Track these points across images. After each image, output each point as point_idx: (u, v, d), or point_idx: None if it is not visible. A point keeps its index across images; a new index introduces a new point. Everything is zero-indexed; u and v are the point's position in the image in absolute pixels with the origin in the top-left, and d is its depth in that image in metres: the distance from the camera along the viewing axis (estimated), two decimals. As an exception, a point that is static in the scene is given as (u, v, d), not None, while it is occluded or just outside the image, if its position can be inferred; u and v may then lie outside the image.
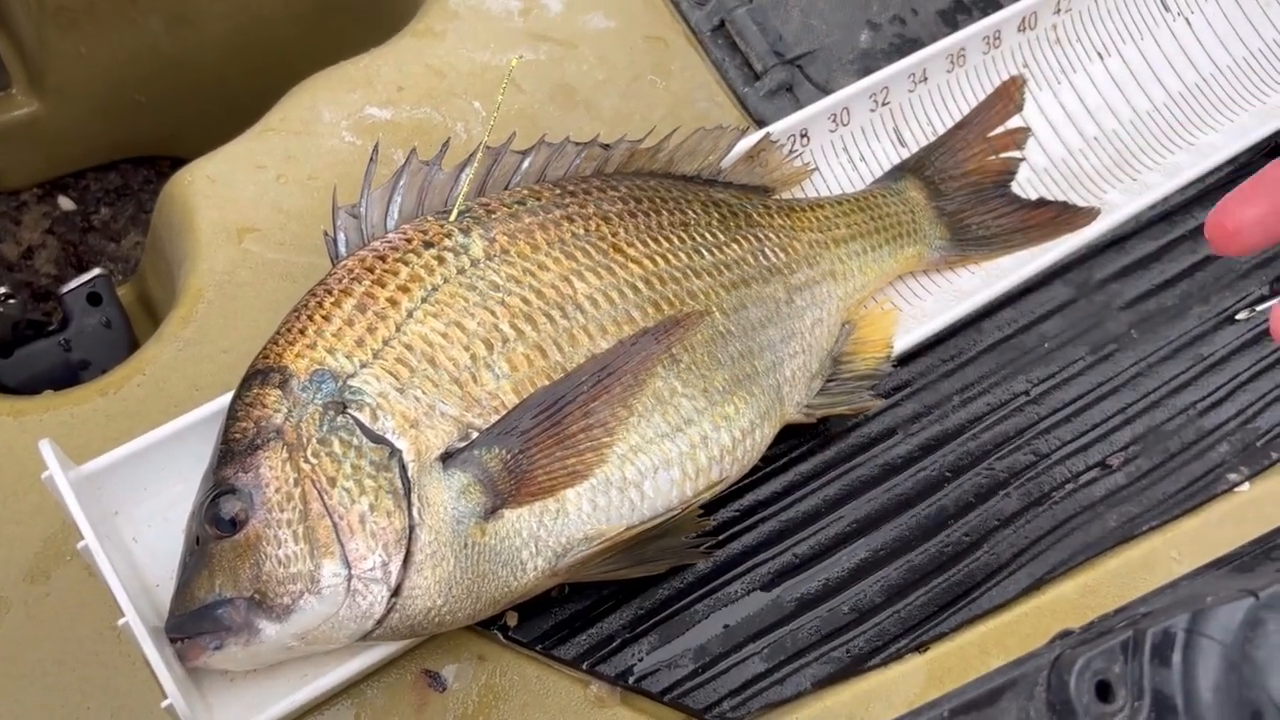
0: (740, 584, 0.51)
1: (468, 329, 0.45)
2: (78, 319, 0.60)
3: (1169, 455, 0.56)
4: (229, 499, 0.42)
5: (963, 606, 0.51)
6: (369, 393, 0.44)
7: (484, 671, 0.47)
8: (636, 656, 0.48)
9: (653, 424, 0.46)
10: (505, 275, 0.47)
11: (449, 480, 0.43)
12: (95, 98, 0.75)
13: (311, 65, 0.61)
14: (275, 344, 0.45)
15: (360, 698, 0.46)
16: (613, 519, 0.45)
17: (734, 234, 0.52)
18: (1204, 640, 0.30)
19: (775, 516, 0.52)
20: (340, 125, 0.58)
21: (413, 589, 0.42)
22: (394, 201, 0.48)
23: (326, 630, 0.42)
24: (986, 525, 0.53)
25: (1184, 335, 0.59)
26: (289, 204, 0.56)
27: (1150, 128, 0.64)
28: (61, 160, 0.80)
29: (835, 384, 0.53)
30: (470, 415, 0.44)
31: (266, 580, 0.42)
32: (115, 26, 0.72)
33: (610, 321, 0.47)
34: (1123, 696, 0.31)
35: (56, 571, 0.47)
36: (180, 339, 0.52)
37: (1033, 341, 0.58)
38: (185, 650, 0.42)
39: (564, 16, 0.63)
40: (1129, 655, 0.31)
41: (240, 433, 0.44)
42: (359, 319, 0.45)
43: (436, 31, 0.62)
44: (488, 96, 0.60)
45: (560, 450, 0.44)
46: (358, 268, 0.46)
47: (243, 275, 0.54)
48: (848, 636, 0.50)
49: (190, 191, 0.56)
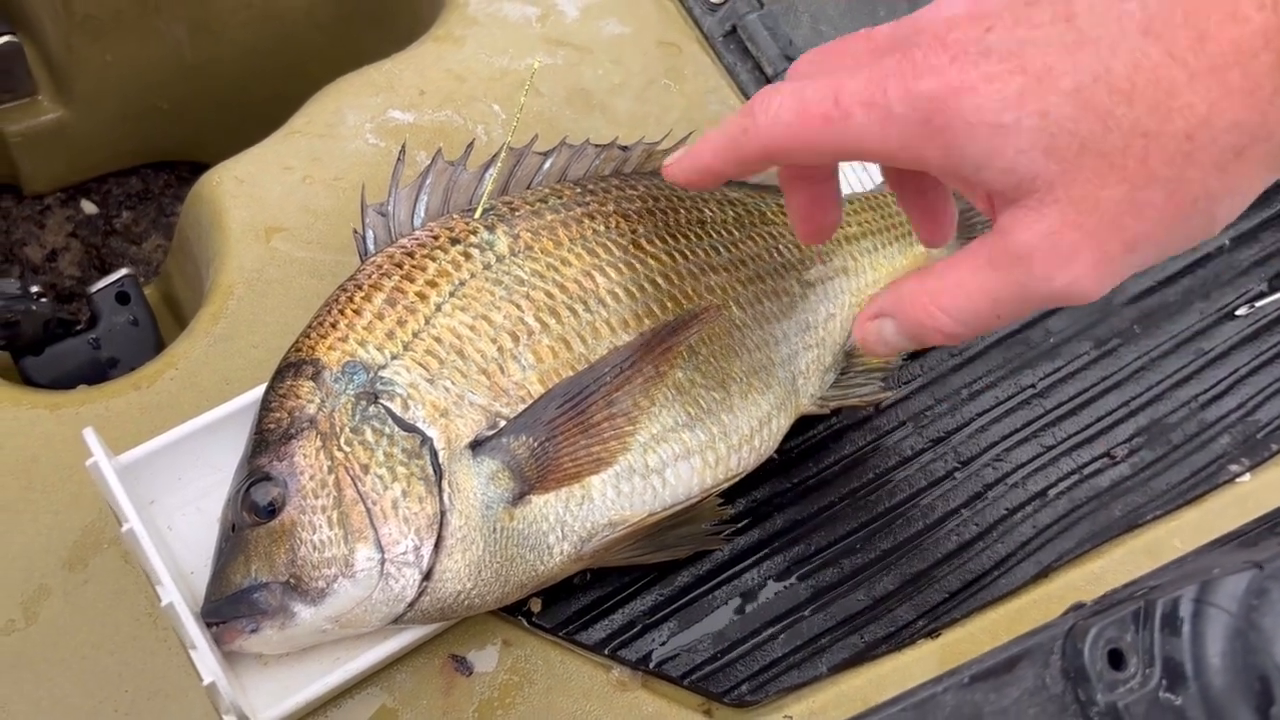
0: (757, 572, 0.52)
1: (494, 322, 0.47)
2: (106, 317, 0.62)
3: (1172, 447, 0.57)
4: (265, 486, 0.44)
5: (974, 593, 0.53)
6: (400, 383, 0.45)
7: (509, 656, 0.49)
8: (657, 642, 0.50)
9: (673, 414, 0.48)
10: (529, 270, 0.48)
11: (478, 467, 0.44)
12: (119, 104, 0.77)
13: (330, 73, 0.63)
14: (307, 337, 0.47)
15: (389, 681, 0.48)
16: (635, 505, 0.47)
17: (749, 231, 0.53)
18: (1212, 609, 0.32)
19: (791, 506, 0.54)
20: (364, 128, 0.60)
21: (443, 572, 0.44)
22: (421, 200, 0.50)
23: (360, 613, 0.44)
24: (995, 515, 0.55)
25: (1186, 330, 0.60)
26: (316, 204, 0.57)
27: (1151, 129, 0.66)
28: (84, 165, 0.81)
29: (848, 377, 0.54)
30: (498, 405, 0.45)
31: (302, 565, 0.43)
32: (140, 35, 0.73)
33: (631, 315, 0.48)
34: (1134, 664, 0.32)
35: (94, 559, 0.48)
36: (211, 335, 0.54)
37: (1038, 337, 0.60)
38: (221, 634, 0.44)
39: (580, 22, 0.65)
40: (1140, 625, 0.32)
41: (275, 423, 0.45)
42: (389, 313, 0.46)
43: (456, 37, 0.63)
44: (507, 100, 0.61)
45: (584, 438, 0.45)
46: (387, 264, 0.48)
47: (271, 273, 0.55)
48: (862, 622, 0.51)
49: (219, 192, 0.57)
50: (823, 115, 0.37)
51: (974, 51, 0.34)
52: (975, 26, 0.35)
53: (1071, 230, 0.34)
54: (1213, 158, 0.33)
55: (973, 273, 0.37)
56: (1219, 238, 0.64)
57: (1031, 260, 0.35)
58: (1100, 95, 0.33)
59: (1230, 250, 0.63)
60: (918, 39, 0.36)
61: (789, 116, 0.38)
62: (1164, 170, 0.33)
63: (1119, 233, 0.34)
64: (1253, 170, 0.33)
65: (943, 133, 0.35)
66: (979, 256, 0.36)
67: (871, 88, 0.36)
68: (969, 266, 0.37)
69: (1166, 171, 0.33)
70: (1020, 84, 0.34)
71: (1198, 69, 0.32)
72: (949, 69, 0.35)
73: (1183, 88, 0.32)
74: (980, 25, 0.35)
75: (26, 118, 0.76)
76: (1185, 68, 0.32)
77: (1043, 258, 0.35)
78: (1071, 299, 0.36)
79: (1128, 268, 0.36)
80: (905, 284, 0.39)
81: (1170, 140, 0.33)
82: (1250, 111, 0.32)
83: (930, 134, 0.35)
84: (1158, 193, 0.33)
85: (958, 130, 0.35)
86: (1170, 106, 0.32)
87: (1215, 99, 0.32)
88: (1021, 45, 0.34)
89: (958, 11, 0.36)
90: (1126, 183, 0.33)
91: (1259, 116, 0.32)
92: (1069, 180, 0.34)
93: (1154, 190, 0.33)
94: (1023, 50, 0.34)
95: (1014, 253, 0.35)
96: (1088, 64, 0.33)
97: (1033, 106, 0.33)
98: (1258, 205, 0.65)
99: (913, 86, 0.35)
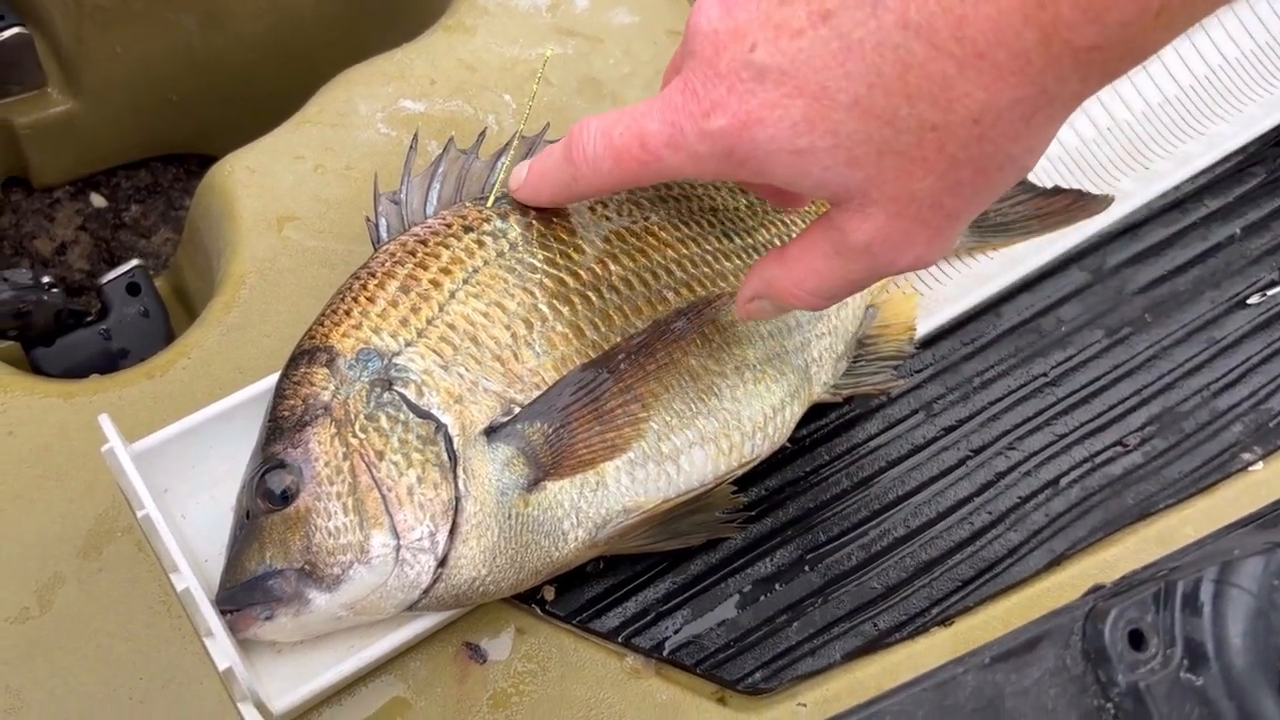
0: (770, 560, 0.52)
1: (508, 309, 0.47)
2: (117, 309, 0.62)
3: (1184, 435, 0.57)
4: (280, 473, 0.44)
5: (986, 581, 0.53)
6: (414, 370, 0.45)
7: (523, 644, 0.49)
8: (670, 629, 0.50)
9: (687, 401, 0.48)
10: (542, 258, 0.48)
11: (493, 453, 0.44)
12: (128, 96, 0.77)
13: (339, 64, 0.63)
14: (321, 325, 0.47)
15: (404, 669, 0.48)
16: (650, 492, 0.47)
17: (761, 219, 0.53)
18: (1233, 589, 0.32)
19: (803, 494, 0.53)
20: (375, 117, 0.60)
21: (459, 559, 0.44)
22: (433, 188, 0.50)
23: (375, 600, 0.44)
24: (1007, 503, 0.54)
25: (1197, 319, 0.60)
26: (327, 193, 0.57)
27: (1162, 118, 0.66)
28: (93, 158, 0.81)
29: (860, 365, 0.54)
30: (512, 391, 0.45)
31: (317, 551, 0.43)
32: (149, 26, 0.73)
33: (644, 302, 0.48)
34: (1155, 644, 0.32)
35: (108, 547, 0.48)
36: (223, 324, 0.54)
37: (1050, 325, 0.60)
38: (236, 621, 0.43)
39: (589, 12, 0.65)
40: (1160, 605, 0.32)
41: (289, 410, 0.45)
42: (403, 300, 0.46)
43: (467, 27, 0.63)
44: (518, 89, 0.61)
45: (599, 425, 0.45)
46: (400, 251, 0.48)
47: (283, 262, 0.55)
48: (875, 611, 0.51)
49: (230, 182, 0.57)
50: (636, 160, 0.39)
51: (747, 77, 0.35)
52: (739, 45, 0.36)
53: (898, 222, 0.37)
54: (1003, 132, 0.33)
55: (824, 260, 0.39)
56: (1230, 227, 0.64)
57: (873, 252, 0.38)
58: (879, 101, 0.34)
59: (1241, 239, 0.63)
60: (692, 63, 0.37)
61: (608, 165, 0.40)
62: (962, 153, 0.34)
63: (941, 211, 0.36)
64: (1045, 128, 0.34)
65: (747, 162, 0.37)
66: (824, 246, 0.39)
67: (669, 130, 0.38)
68: (819, 253, 0.39)
69: (965, 154, 0.34)
70: (802, 107, 0.35)
71: (964, 57, 0.32)
72: (729, 100, 0.36)
73: (955, 79, 0.33)
74: (743, 43, 0.35)
75: (36, 110, 0.76)
76: (952, 58, 0.32)
77: (881, 248, 0.37)
78: (919, 269, 0.40)
79: (960, 230, 0.38)
80: (769, 270, 0.42)
81: (959, 128, 0.33)
82: (1026, 87, 0.32)
83: (737, 163, 0.37)
84: (965, 171, 0.35)
85: (761, 159, 0.37)
86: (949, 98, 0.33)
87: (989, 83, 0.32)
88: (792, 63, 0.35)
89: (718, 27, 0.36)
90: (933, 173, 0.35)
91: (1035, 90, 0.32)
92: (880, 183, 0.36)
93: (960, 170, 0.35)
94: (795, 69, 0.35)
95: (855, 247, 0.38)
96: (859, 73, 0.34)
97: (821, 128, 0.35)
98: (1269, 195, 0.65)
99: (704, 126, 0.37)
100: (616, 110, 0.40)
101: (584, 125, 0.41)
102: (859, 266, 0.39)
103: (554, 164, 0.44)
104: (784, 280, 0.41)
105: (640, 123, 0.39)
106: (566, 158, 0.42)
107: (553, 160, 0.44)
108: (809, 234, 0.40)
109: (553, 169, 0.44)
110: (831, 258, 0.39)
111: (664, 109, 0.38)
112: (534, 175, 0.46)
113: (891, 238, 0.37)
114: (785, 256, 0.41)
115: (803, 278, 0.40)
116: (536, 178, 0.46)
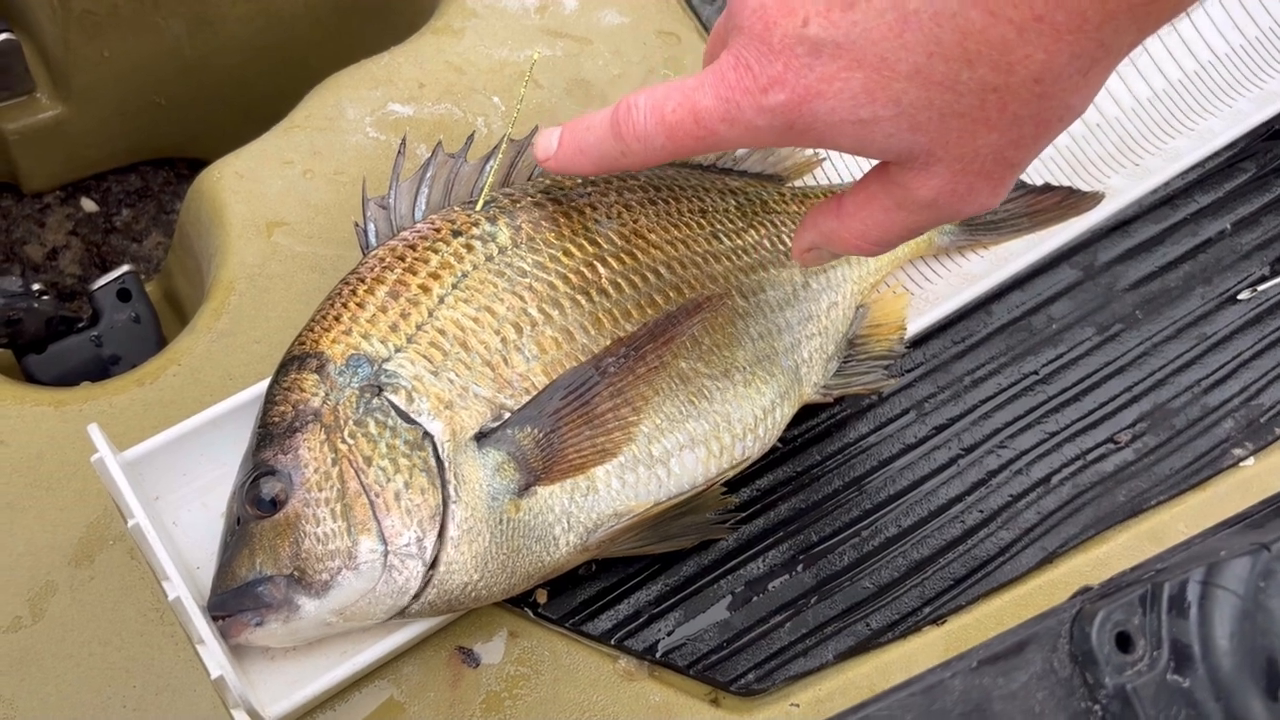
0: (762, 561, 0.52)
1: (497, 314, 0.47)
2: (108, 315, 0.62)
3: (1175, 432, 0.57)
4: (269, 480, 0.44)
5: (978, 580, 0.53)
6: (404, 376, 0.45)
7: (515, 647, 0.49)
8: (663, 631, 0.50)
9: (677, 403, 0.48)
10: (532, 262, 0.48)
11: (484, 459, 0.44)
12: (117, 101, 0.77)
13: (329, 67, 0.62)
14: (311, 331, 0.47)
15: (397, 674, 0.48)
16: (641, 495, 0.47)
17: (751, 220, 0.53)
18: (1219, 591, 0.32)
19: (795, 494, 0.54)
20: (364, 121, 0.59)
21: (450, 564, 0.44)
22: (421, 193, 0.50)
23: (364, 606, 0.44)
24: (999, 501, 0.55)
25: (1188, 315, 0.61)
26: (316, 198, 0.57)
27: (1151, 114, 0.66)
28: (83, 163, 0.81)
29: (851, 365, 0.54)
30: (502, 396, 0.45)
31: (306, 557, 0.43)
32: (138, 30, 0.73)
33: (634, 305, 0.48)
34: (1142, 646, 0.32)
35: (100, 555, 0.48)
36: (213, 330, 0.54)
37: (1041, 323, 0.60)
38: (227, 627, 0.44)
39: (578, 13, 0.65)
40: (1147, 607, 0.33)
41: (279, 416, 0.45)
42: (392, 305, 0.46)
43: (455, 29, 0.63)
44: (507, 92, 0.61)
45: (589, 429, 0.45)
46: (389, 256, 0.48)
47: (273, 268, 0.55)
48: (867, 610, 0.51)
49: (219, 187, 0.57)
50: (691, 135, 0.40)
51: (802, 52, 0.36)
52: (790, 20, 0.36)
53: (964, 178, 0.38)
54: (1063, 87, 0.35)
55: (885, 213, 0.40)
56: (1220, 222, 0.64)
57: (938, 205, 0.39)
58: (939, 69, 0.34)
59: (1232, 235, 0.63)
60: (741, 39, 0.37)
61: (660, 141, 0.40)
62: (1024, 110, 0.35)
63: (1004, 163, 0.37)
64: (1101, 77, 0.36)
65: (808, 133, 0.38)
66: (885, 200, 0.40)
67: (724, 105, 0.38)
68: (879, 207, 0.40)
69: (1027, 111, 0.35)
70: (862, 79, 0.35)
71: (1023, 21, 0.33)
72: (786, 75, 0.36)
73: (1015, 43, 0.33)
74: (794, 18, 0.36)
75: (25, 115, 0.76)
76: (1011, 23, 0.33)
77: (947, 201, 0.39)
78: (983, 213, 0.41)
79: (1017, 177, 0.39)
80: (826, 223, 0.43)
81: (1021, 88, 0.34)
82: (1084, 44, 0.33)
83: (798, 134, 0.38)
84: (1027, 126, 0.36)
85: (821, 130, 0.37)
86: (1010, 61, 0.34)
87: (1048, 44, 0.33)
88: (847, 36, 0.35)
89: (766, 1, 0.37)
90: (995, 130, 0.36)
91: (1093, 44, 0.33)
92: (943, 144, 0.37)
93: (1023, 126, 0.36)
94: (851, 42, 0.35)
95: (920, 202, 0.39)
96: (917, 43, 0.34)
97: (883, 98, 0.36)
98: (1259, 190, 0.65)
99: (762, 101, 0.37)
100: (663, 85, 0.40)
101: (632, 101, 0.41)
102: (923, 218, 0.40)
103: (598, 138, 0.43)
104: (843, 231, 0.42)
105: (692, 98, 0.39)
106: (615, 134, 0.42)
107: (595, 135, 0.43)
108: (866, 188, 0.41)
109: (596, 144, 0.43)
110: (894, 210, 0.40)
111: (717, 84, 0.38)
112: (570, 148, 0.44)
113: (957, 191, 0.38)
114: (842, 210, 0.42)
115: (865, 229, 0.41)
116: (574, 151, 0.44)
